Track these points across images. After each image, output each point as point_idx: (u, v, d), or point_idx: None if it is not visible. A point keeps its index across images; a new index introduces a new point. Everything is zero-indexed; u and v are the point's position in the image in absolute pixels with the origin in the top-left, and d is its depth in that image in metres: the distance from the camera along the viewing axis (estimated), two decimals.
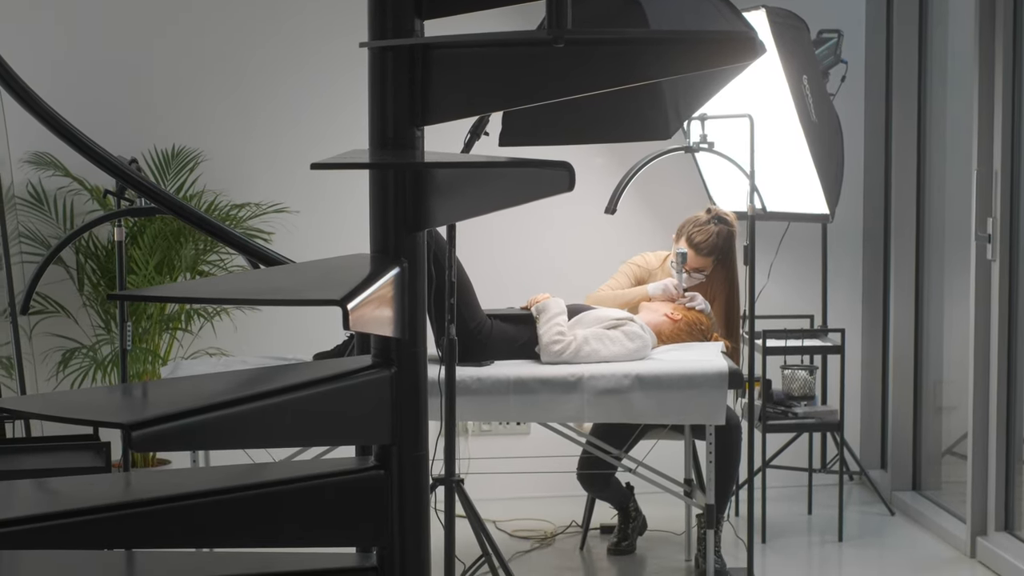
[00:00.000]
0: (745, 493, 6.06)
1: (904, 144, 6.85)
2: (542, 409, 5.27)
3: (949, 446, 6.70)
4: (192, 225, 2.84)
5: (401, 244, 2.50)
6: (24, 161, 6.46)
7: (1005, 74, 5.71)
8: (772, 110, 6.15)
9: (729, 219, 6.00)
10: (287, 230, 6.66)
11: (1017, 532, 5.79)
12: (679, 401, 5.23)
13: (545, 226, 6.95)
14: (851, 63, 6.70)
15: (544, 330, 5.41)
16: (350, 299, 2.23)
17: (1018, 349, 5.78)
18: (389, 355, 2.50)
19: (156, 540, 2.51)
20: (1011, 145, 5.75)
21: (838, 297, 7.04)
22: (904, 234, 6.87)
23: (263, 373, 2.62)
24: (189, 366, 5.67)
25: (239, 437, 2.44)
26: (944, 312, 6.74)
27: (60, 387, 6.47)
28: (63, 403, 2.63)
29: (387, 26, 2.52)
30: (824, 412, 6.27)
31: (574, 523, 6.36)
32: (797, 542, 6.29)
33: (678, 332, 5.78)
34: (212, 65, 6.75)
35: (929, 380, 6.84)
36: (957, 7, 6.53)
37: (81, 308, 6.55)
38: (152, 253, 6.32)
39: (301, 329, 6.30)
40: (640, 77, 2.51)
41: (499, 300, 5.97)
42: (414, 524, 2.53)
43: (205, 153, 6.70)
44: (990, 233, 5.76)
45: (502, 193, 2.56)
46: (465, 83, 2.51)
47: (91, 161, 2.68)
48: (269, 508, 2.49)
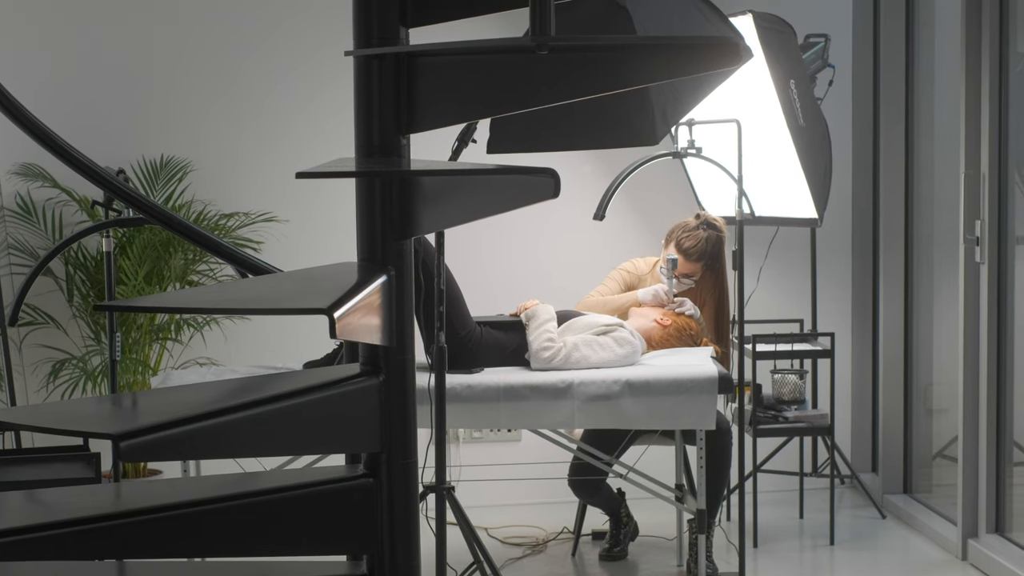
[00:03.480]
0: (736, 498, 6.06)
1: (892, 147, 6.86)
2: (532, 416, 5.27)
3: (940, 449, 6.70)
4: (179, 235, 2.84)
5: (388, 252, 2.50)
6: (12, 172, 6.45)
7: (992, 77, 5.72)
8: (760, 115, 6.16)
9: (718, 224, 6.01)
10: (276, 239, 6.65)
11: (1008, 534, 5.80)
12: (669, 406, 5.23)
13: (534, 233, 6.95)
14: (838, 67, 6.72)
15: (534, 337, 5.41)
16: (336, 308, 2.24)
17: (1007, 351, 5.79)
18: (377, 363, 2.51)
19: (147, 550, 2.51)
20: (998, 148, 5.76)
21: (827, 301, 7.05)
22: (893, 237, 6.87)
23: (252, 382, 2.63)
24: (179, 376, 5.65)
25: (229, 446, 2.45)
26: (933, 315, 6.75)
27: (50, 398, 6.45)
28: (53, 414, 2.64)
29: (372, 34, 2.53)
30: (814, 416, 6.27)
31: (566, 529, 6.36)
32: (789, 546, 6.29)
33: (668, 337, 5.78)
34: (200, 75, 6.75)
35: (919, 383, 6.85)
36: (943, 10, 6.54)
37: (71, 319, 6.54)
38: (141, 263, 6.32)
39: (291, 338, 6.30)
40: (626, 83, 2.52)
41: (488, 307, 5.97)
42: (404, 532, 2.54)
43: (194, 163, 6.69)
44: (978, 236, 5.77)
45: (489, 200, 2.56)
46: (451, 91, 2.52)
47: (78, 172, 2.68)
48: (259, 517, 2.50)
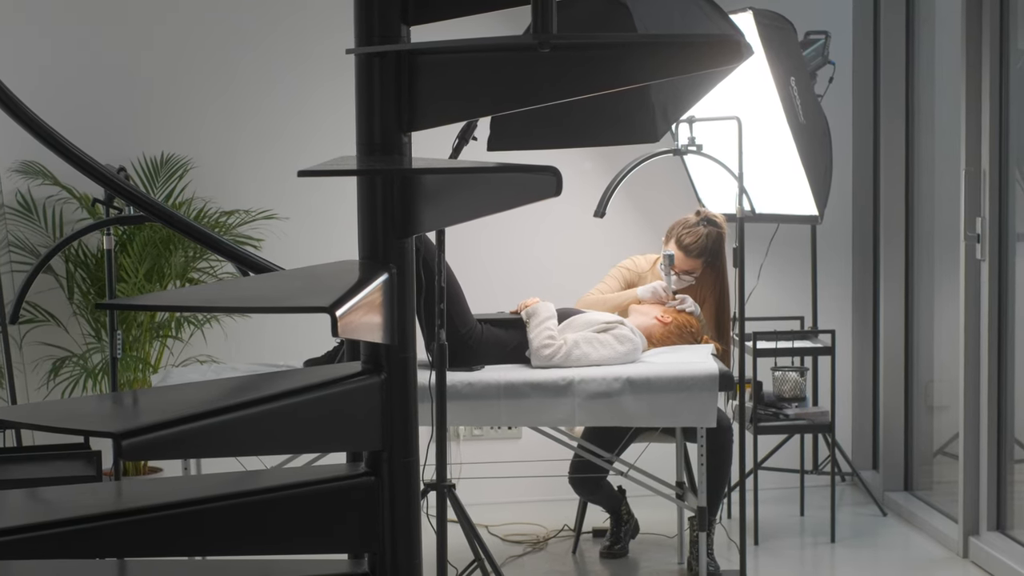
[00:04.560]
0: (737, 495, 6.05)
1: (892, 144, 6.85)
2: (533, 413, 5.26)
3: (941, 446, 6.70)
4: (180, 233, 2.83)
5: (390, 250, 2.50)
6: (12, 170, 6.44)
7: (992, 74, 5.72)
8: (760, 112, 6.16)
9: (718, 221, 6.01)
10: (276, 237, 6.65)
11: (1009, 531, 5.79)
12: (670, 404, 5.23)
13: (535, 230, 6.95)
14: (839, 64, 6.71)
15: (534, 334, 5.40)
16: (339, 306, 2.23)
17: (1008, 348, 5.79)
18: (379, 361, 2.51)
19: (148, 549, 2.51)
20: (999, 145, 5.76)
21: (828, 298, 7.04)
22: (893, 234, 6.87)
23: (253, 380, 2.62)
24: (180, 374, 5.66)
25: (230, 445, 2.44)
26: (934, 312, 6.75)
27: (51, 396, 6.45)
28: (54, 412, 2.63)
29: (374, 32, 2.52)
30: (815, 413, 6.27)
31: (566, 527, 6.36)
32: (789, 544, 6.29)
33: (668, 335, 5.78)
34: (201, 72, 6.75)
35: (920, 380, 6.84)
36: (944, 8, 6.54)
37: (71, 317, 6.54)
38: (142, 261, 6.31)
39: (291, 336, 6.29)
40: (627, 81, 2.51)
41: (489, 305, 5.96)
42: (405, 530, 2.53)
43: (194, 160, 6.69)
44: (979, 233, 5.77)
45: (490, 198, 2.56)
46: (452, 89, 2.52)
47: (78, 169, 2.68)
48: (260, 515, 2.49)
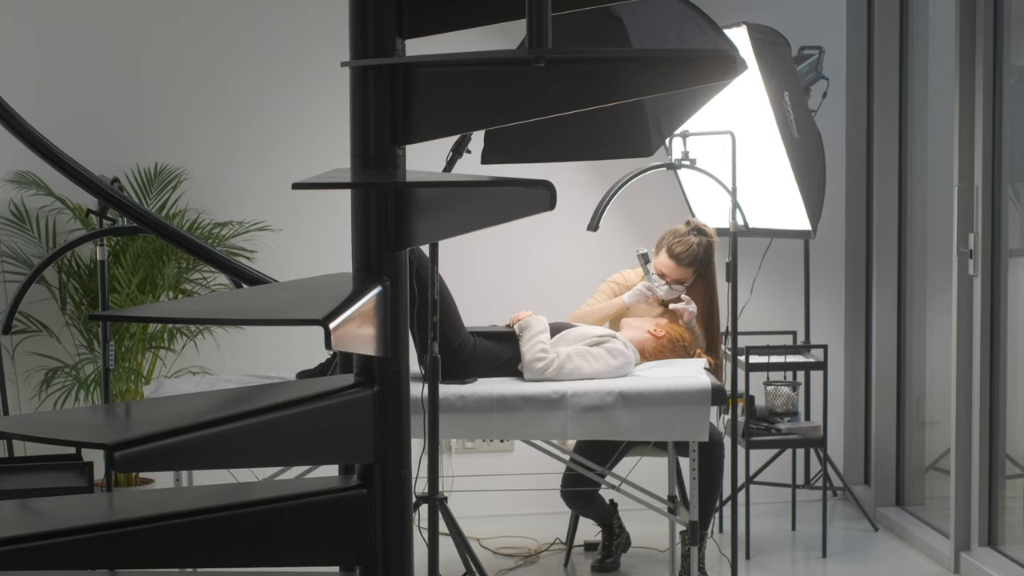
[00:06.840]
0: (729, 509, 6.06)
1: (886, 160, 6.87)
2: (525, 426, 5.27)
3: (932, 461, 6.71)
4: (174, 244, 2.83)
5: (383, 263, 2.50)
6: (6, 180, 6.44)
7: (985, 90, 5.73)
8: (754, 127, 6.17)
9: (708, 231, 6.02)
10: (270, 248, 6.65)
11: (1000, 547, 5.80)
12: (662, 418, 5.23)
13: (528, 244, 6.95)
14: (832, 79, 6.72)
15: (527, 347, 5.41)
16: (332, 318, 2.23)
17: (1000, 364, 5.79)
18: (372, 374, 2.51)
19: (140, 560, 2.50)
20: (992, 160, 5.77)
21: (821, 313, 7.05)
22: (886, 250, 6.88)
23: (246, 392, 2.62)
24: (172, 385, 5.65)
25: (222, 457, 2.44)
26: (926, 327, 6.76)
27: (43, 406, 6.44)
28: (46, 423, 2.63)
29: (369, 45, 2.53)
30: (807, 428, 6.27)
31: (558, 540, 6.35)
32: (781, 558, 6.29)
33: (661, 349, 5.79)
34: (195, 84, 6.75)
35: (912, 395, 6.85)
36: (938, 23, 6.56)
37: (64, 327, 6.53)
38: (135, 272, 6.31)
39: (284, 347, 6.29)
40: (621, 95, 2.52)
41: (482, 318, 5.97)
42: (397, 542, 2.53)
43: (188, 171, 6.69)
44: (971, 248, 5.78)
45: (484, 212, 2.56)
46: (446, 102, 2.52)
47: (73, 180, 2.68)
48: (252, 528, 2.49)
